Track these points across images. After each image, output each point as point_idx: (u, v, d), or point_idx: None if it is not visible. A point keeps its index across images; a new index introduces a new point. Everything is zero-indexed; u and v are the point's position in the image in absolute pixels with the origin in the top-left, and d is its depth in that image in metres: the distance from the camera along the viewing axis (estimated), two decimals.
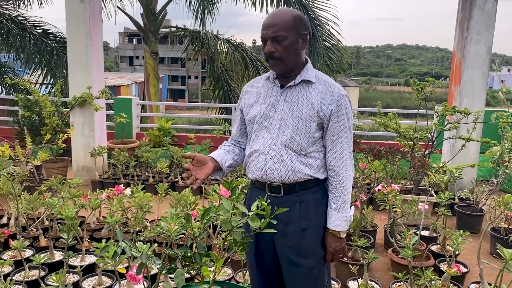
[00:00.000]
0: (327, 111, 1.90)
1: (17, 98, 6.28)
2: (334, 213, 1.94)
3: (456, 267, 2.96)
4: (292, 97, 1.94)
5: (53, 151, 6.00)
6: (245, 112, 2.07)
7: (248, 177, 2.08)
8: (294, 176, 1.93)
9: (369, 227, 4.11)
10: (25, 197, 3.86)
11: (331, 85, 1.93)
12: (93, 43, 5.86)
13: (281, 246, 2.00)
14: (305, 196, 1.95)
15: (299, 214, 1.94)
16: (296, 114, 1.91)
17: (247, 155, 2.06)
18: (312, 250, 1.98)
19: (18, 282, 2.98)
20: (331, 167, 1.95)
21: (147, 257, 1.84)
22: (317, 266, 2.00)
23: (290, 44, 1.86)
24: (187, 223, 1.85)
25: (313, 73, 1.96)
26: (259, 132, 2.00)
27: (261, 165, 1.96)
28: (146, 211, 3.46)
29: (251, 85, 2.12)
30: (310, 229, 1.95)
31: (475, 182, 5.22)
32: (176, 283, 1.59)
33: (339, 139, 1.92)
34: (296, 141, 1.91)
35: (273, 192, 1.97)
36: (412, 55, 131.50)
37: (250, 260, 2.15)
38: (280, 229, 1.93)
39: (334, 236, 1.96)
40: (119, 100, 7.57)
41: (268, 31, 1.86)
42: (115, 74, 38.85)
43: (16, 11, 9.68)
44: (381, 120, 4.41)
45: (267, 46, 1.87)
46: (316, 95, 1.92)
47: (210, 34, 10.25)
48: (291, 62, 1.90)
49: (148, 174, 5.96)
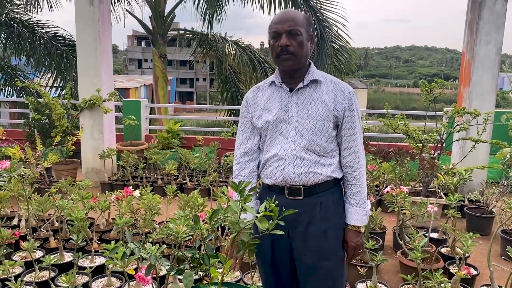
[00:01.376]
0: (341, 109, 1.92)
1: (27, 101, 6.35)
2: (354, 208, 1.96)
3: (466, 270, 2.94)
4: (304, 98, 1.94)
5: (63, 153, 6.05)
6: (255, 121, 2.03)
7: (265, 182, 2.05)
8: (315, 178, 1.93)
9: (378, 229, 4.09)
10: (36, 199, 3.90)
11: (340, 83, 1.96)
12: (102, 46, 5.91)
13: (300, 250, 1.98)
14: (324, 197, 1.96)
15: (319, 215, 1.94)
16: (312, 115, 1.91)
17: (263, 161, 2.03)
18: (333, 251, 1.98)
19: (28, 283, 3.00)
20: (348, 163, 1.96)
21: (156, 258, 1.85)
22: (337, 267, 2.00)
23: (303, 41, 1.87)
24: (195, 224, 1.86)
25: (319, 73, 1.96)
26: (274, 138, 1.98)
27: (280, 170, 1.95)
28: (155, 212, 3.47)
29: (254, 92, 2.08)
30: (330, 230, 1.96)
31: (485, 184, 5.18)
32: (185, 284, 1.60)
33: (353, 135, 1.95)
34: (316, 142, 1.92)
35: (293, 195, 1.96)
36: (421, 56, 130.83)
37: (265, 267, 2.12)
38: (301, 232, 1.95)
39: (355, 231, 1.97)
40: (128, 103, 7.62)
41: (284, 25, 1.85)
42: (124, 76, 39.14)
43: (27, 15, 9.80)
44: (389, 122, 4.39)
45: (283, 40, 1.85)
46: (328, 94, 1.92)
47: (218, 36, 10.29)
48: (302, 59, 1.89)
49: (157, 176, 5.99)
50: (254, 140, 2.08)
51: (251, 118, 2.06)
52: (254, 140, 2.08)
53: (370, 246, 3.23)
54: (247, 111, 2.07)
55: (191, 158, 5.89)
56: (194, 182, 5.84)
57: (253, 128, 2.07)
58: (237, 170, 2.09)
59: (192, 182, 5.84)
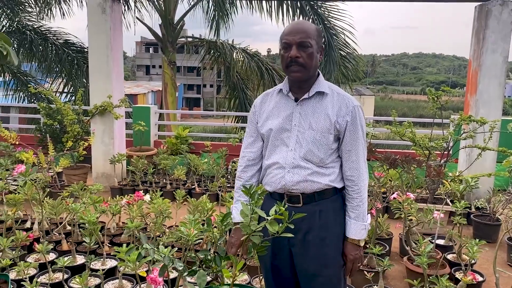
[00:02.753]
0: (343, 123, 1.94)
1: (39, 107, 6.46)
2: (353, 222, 1.98)
3: (471, 275, 2.98)
4: (308, 109, 1.98)
5: (73, 158, 6.15)
6: (260, 126, 2.09)
7: (266, 189, 2.09)
8: (314, 186, 1.97)
9: (384, 235, 4.13)
10: (49, 202, 3.99)
11: (345, 97, 1.98)
12: (113, 53, 6.02)
13: (300, 257, 2.02)
14: (324, 206, 1.99)
15: (319, 223, 1.98)
16: (314, 126, 1.95)
17: (264, 167, 2.09)
18: (332, 259, 2.01)
19: (43, 284, 3.08)
20: (348, 177, 1.99)
21: (169, 259, 1.91)
22: (336, 275, 2.03)
23: (313, 53, 1.91)
24: (207, 227, 1.93)
25: (326, 85, 2.00)
26: (275, 145, 2.03)
27: (279, 177, 2.00)
28: (166, 216, 3.54)
29: (263, 99, 2.14)
30: (329, 238, 1.99)
31: (492, 191, 5.20)
32: (198, 283, 1.67)
33: (355, 149, 1.97)
34: (315, 153, 1.95)
35: (293, 202, 2.00)
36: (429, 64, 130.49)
37: (266, 273, 2.17)
38: (301, 239, 1.99)
39: (354, 244, 2.00)
40: (137, 109, 7.73)
41: (295, 36, 1.90)
42: (132, 82, 39.44)
43: (39, 22, 9.98)
44: (396, 129, 4.45)
45: (293, 51, 1.90)
46: (332, 107, 1.95)
47: (226, 43, 10.42)
48: (311, 70, 1.94)
49: (166, 181, 6.07)
50: (258, 145, 2.14)
51: (257, 123, 2.12)
52: (257, 145, 2.14)
53: (377, 252, 3.28)
54: (254, 116, 2.13)
55: (199, 164, 5.96)
56: (202, 187, 5.92)
57: (258, 133, 2.12)
58: (239, 172, 2.18)
59: (201, 187, 5.91)
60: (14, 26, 9.53)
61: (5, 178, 4.53)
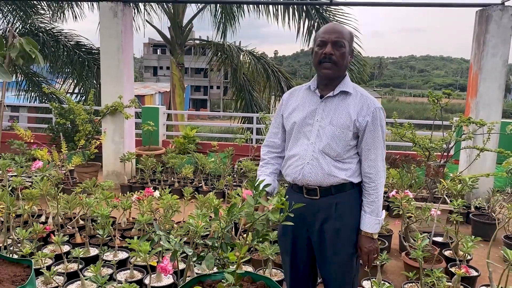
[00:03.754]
0: (363, 122, 2.07)
1: (51, 107, 6.68)
2: (368, 216, 2.12)
3: (464, 269, 3.12)
4: (331, 106, 2.12)
5: (85, 156, 6.36)
6: (285, 119, 2.26)
7: (286, 179, 2.26)
8: (330, 180, 2.10)
9: (384, 232, 4.28)
10: (63, 197, 4.19)
11: (368, 98, 2.12)
12: (124, 56, 6.23)
13: (317, 244, 2.20)
14: (340, 199, 2.13)
15: (334, 215, 2.13)
16: (334, 123, 2.09)
17: (286, 158, 2.25)
18: (344, 248, 2.16)
19: (59, 273, 3.27)
20: (366, 174, 2.12)
21: (180, 245, 2.09)
22: (348, 262, 2.19)
23: (345, 53, 2.07)
24: (215, 216, 2.10)
25: (351, 85, 2.14)
26: (298, 138, 2.18)
27: (299, 169, 2.14)
28: (175, 210, 3.72)
29: (291, 93, 2.31)
30: (343, 229, 2.14)
31: (492, 192, 5.33)
32: (207, 265, 1.84)
33: (374, 148, 2.09)
34: (333, 147, 2.09)
35: (310, 195, 2.15)
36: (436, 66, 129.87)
37: (285, 257, 2.36)
38: (317, 229, 2.16)
39: (368, 237, 2.14)
40: (147, 109, 7.93)
41: (332, 35, 2.05)
42: (139, 84, 39.73)
43: (51, 24, 10.23)
44: (396, 130, 4.60)
45: (328, 48, 2.03)
46: (354, 106, 2.09)
47: (233, 46, 10.61)
48: (342, 69, 2.09)
49: (174, 179, 6.26)
50: (281, 136, 2.32)
51: (282, 116, 2.29)
52: (281, 136, 2.32)
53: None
54: (280, 109, 2.31)
55: (206, 163, 6.15)
56: (209, 185, 6.09)
57: (282, 125, 2.30)
58: (263, 155, 2.37)
59: (207, 185, 6.09)
60: (27, 28, 9.79)
61: (21, 175, 4.73)
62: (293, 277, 2.36)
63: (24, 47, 1.88)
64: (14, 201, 4.00)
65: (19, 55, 1.91)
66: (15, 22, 10.08)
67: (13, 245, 3.53)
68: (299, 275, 2.35)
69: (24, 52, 1.90)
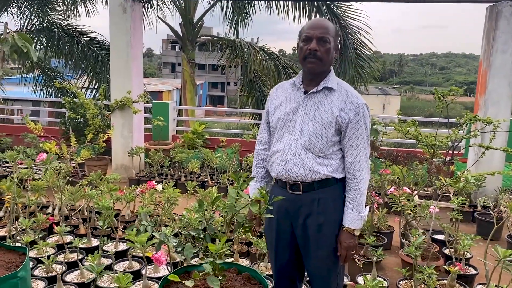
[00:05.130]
0: (345, 118, 2.08)
1: (64, 101, 6.83)
2: (350, 212, 2.13)
3: (458, 266, 3.10)
4: (314, 102, 2.13)
5: (94, 150, 6.48)
6: (270, 114, 2.28)
7: (271, 174, 2.29)
8: (312, 176, 2.12)
9: (384, 229, 4.27)
10: (68, 189, 4.29)
11: (351, 94, 2.12)
12: (133, 51, 6.32)
13: (301, 238, 2.23)
14: (323, 194, 2.15)
15: (317, 210, 2.15)
16: (317, 119, 2.11)
17: (270, 154, 2.27)
18: (327, 242, 2.18)
19: (59, 262, 3.37)
20: (349, 170, 2.14)
21: (165, 236, 2.14)
22: (331, 257, 2.21)
23: (330, 49, 2.08)
24: (200, 208, 2.15)
25: (335, 81, 2.15)
26: (281, 134, 2.20)
27: (282, 164, 2.16)
28: (173, 203, 3.78)
29: (277, 89, 2.33)
30: (326, 224, 2.16)
31: (499, 190, 5.25)
32: (186, 254, 1.89)
33: (357, 144, 2.10)
34: (315, 143, 2.11)
35: (293, 190, 2.18)
36: (458, 64, 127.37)
37: (271, 252, 2.40)
38: (301, 224, 2.19)
39: (349, 233, 2.15)
40: (157, 105, 8.03)
41: (317, 31, 2.06)
42: (158, 80, 40.07)
43: (66, 21, 10.42)
44: (400, 127, 4.57)
45: (312, 44, 2.05)
46: (337, 102, 2.10)
47: (245, 42, 10.64)
48: (326, 65, 2.10)
49: (181, 174, 6.34)
50: (267, 132, 2.36)
51: (267, 111, 2.31)
52: (267, 132, 2.36)
53: (371, 242, 3.43)
54: (267, 104, 2.34)
55: (213, 158, 6.21)
56: (215, 180, 6.15)
57: (268, 121, 2.32)
58: (255, 155, 2.42)
59: (213, 180, 6.15)
60: (43, 24, 9.99)
61: (31, 167, 4.86)
62: (279, 272, 2.39)
63: (17, 41, 1.95)
64: (21, 192, 4.14)
65: (13, 50, 1.99)
66: (33, 18, 10.29)
67: (16, 234, 3.64)
68: (285, 270, 2.37)
69: (17, 47, 1.97)
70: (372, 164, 4.74)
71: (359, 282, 3.38)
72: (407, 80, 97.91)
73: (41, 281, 3.13)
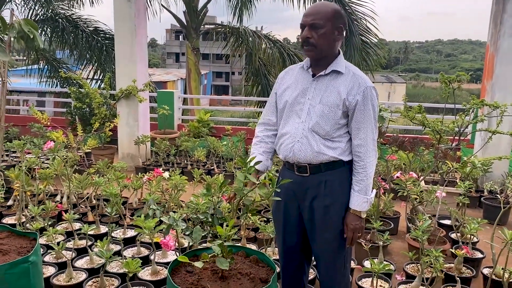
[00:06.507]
0: (353, 101, 2.08)
1: (69, 91, 6.85)
2: (357, 194, 2.14)
3: (465, 249, 3.11)
4: (322, 85, 2.13)
5: (101, 139, 6.52)
6: (278, 97, 2.29)
7: (279, 157, 2.30)
8: (319, 158, 2.13)
9: (390, 214, 4.28)
10: (76, 177, 4.33)
11: (359, 77, 2.11)
12: (138, 39, 6.31)
13: (308, 221, 2.24)
14: (330, 176, 2.16)
15: (324, 192, 2.16)
16: (324, 101, 2.11)
17: (278, 136, 2.28)
18: (334, 225, 2.19)
19: (68, 248, 3.41)
20: (356, 153, 2.14)
21: (174, 220, 2.16)
22: (338, 239, 2.22)
23: (325, 33, 2.05)
24: (207, 192, 2.16)
25: (343, 64, 2.13)
26: (289, 116, 2.21)
27: (289, 147, 2.17)
28: (180, 189, 3.81)
29: (286, 72, 2.33)
30: (333, 206, 2.17)
31: (506, 175, 5.24)
32: (194, 237, 1.91)
33: (364, 127, 2.10)
34: (322, 126, 2.11)
35: (301, 172, 2.19)
36: (464, 50, 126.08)
37: (278, 235, 2.42)
38: (307, 205, 2.20)
39: (355, 215, 2.16)
40: (162, 94, 8.04)
41: (308, 18, 2.07)
42: (162, 70, 40.06)
43: (70, 10, 10.41)
44: (406, 113, 4.56)
45: (304, 32, 2.07)
46: (344, 85, 2.09)
47: (249, 30, 10.59)
48: (324, 50, 2.08)
49: (187, 162, 6.36)
50: (274, 114, 2.34)
51: (276, 94, 2.32)
52: (274, 115, 2.34)
53: (377, 227, 3.45)
54: (275, 88, 2.34)
55: (218, 146, 6.23)
56: (221, 168, 6.17)
57: (276, 103, 2.32)
58: (257, 132, 2.40)
59: (219, 168, 6.17)
60: (47, 14, 9.99)
61: (38, 156, 4.90)
62: (286, 255, 2.40)
63: (23, 27, 1.95)
64: (29, 180, 4.18)
65: (19, 36, 1.99)
66: (38, 8, 10.28)
67: (26, 221, 3.68)
68: (292, 253, 2.39)
69: (23, 33, 1.98)
70: (378, 150, 4.75)
71: (366, 266, 3.40)
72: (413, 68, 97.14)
73: (51, 267, 3.17)
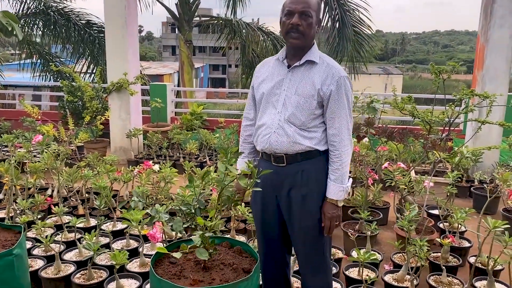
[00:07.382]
0: (327, 91, 2.11)
1: (62, 84, 6.83)
2: (333, 183, 2.16)
3: (450, 238, 3.13)
4: (297, 76, 2.16)
5: (93, 132, 6.51)
6: (255, 90, 2.31)
7: (257, 148, 2.33)
8: (295, 147, 2.15)
9: (380, 205, 4.30)
10: (66, 171, 4.33)
11: (333, 67, 2.14)
12: (129, 32, 6.28)
13: (285, 211, 2.26)
14: (306, 166, 2.18)
15: (301, 182, 2.18)
16: (299, 92, 2.13)
17: (256, 128, 2.30)
18: (312, 214, 2.21)
19: (57, 241, 3.42)
20: (331, 142, 2.16)
21: (156, 211, 2.17)
22: (316, 228, 2.23)
23: (312, 23, 2.09)
24: (190, 183, 2.17)
25: (317, 54, 2.16)
26: (266, 108, 2.23)
27: (266, 138, 2.20)
28: (168, 182, 3.82)
29: (262, 65, 2.35)
30: (310, 195, 2.19)
31: (496, 165, 5.27)
32: (175, 228, 1.92)
33: (338, 117, 2.13)
34: (297, 116, 2.14)
35: (278, 162, 2.21)
36: (461, 41, 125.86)
37: (257, 226, 2.44)
38: (285, 196, 2.23)
39: (332, 204, 2.18)
40: (154, 87, 8.02)
41: (298, 5, 2.07)
42: (158, 63, 39.86)
43: (62, 3, 10.34)
44: (396, 103, 4.55)
45: (295, 19, 2.06)
46: (319, 75, 2.12)
47: (242, 22, 10.55)
48: (308, 39, 2.11)
49: (179, 155, 6.37)
50: (253, 109, 2.38)
51: (253, 87, 2.34)
52: (253, 109, 2.38)
53: (365, 217, 3.47)
54: (253, 81, 2.36)
55: (210, 138, 6.24)
56: (214, 161, 6.18)
57: (254, 97, 2.34)
58: (241, 131, 2.45)
59: (212, 160, 6.18)
60: (39, 8, 9.92)
61: (29, 150, 4.90)
62: (267, 246, 2.42)
63: (1, 20, 1.95)
64: (19, 174, 4.18)
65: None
66: (29, 1, 10.20)
67: (14, 215, 3.68)
68: (272, 245, 2.40)
69: (1, 25, 1.97)
70: (368, 141, 4.75)
71: (353, 256, 3.42)
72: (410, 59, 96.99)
73: (40, 260, 3.19)
